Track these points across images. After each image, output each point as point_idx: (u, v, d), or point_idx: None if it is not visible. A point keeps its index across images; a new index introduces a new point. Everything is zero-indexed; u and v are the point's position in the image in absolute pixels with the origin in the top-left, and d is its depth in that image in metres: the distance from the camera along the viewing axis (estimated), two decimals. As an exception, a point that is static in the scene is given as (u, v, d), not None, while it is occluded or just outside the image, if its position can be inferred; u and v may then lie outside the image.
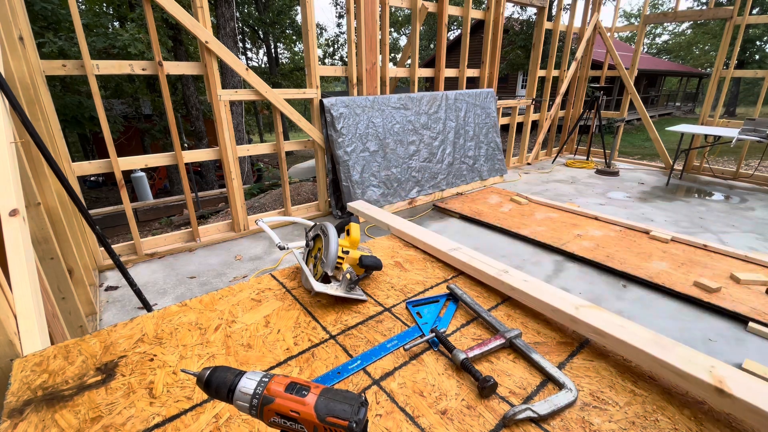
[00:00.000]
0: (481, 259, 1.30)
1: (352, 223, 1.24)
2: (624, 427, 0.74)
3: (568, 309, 1.01)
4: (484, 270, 1.23)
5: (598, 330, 0.94)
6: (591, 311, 1.00)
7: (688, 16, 6.27)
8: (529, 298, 1.09)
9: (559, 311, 1.02)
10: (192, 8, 3.10)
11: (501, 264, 1.26)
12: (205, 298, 1.15)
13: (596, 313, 0.99)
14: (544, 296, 1.07)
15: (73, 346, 0.94)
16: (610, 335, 0.92)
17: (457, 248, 1.39)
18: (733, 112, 21.29)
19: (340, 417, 0.50)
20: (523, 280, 1.15)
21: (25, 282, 1.08)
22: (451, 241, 1.44)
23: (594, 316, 0.98)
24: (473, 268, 1.27)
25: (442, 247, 1.39)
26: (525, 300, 1.11)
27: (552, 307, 1.03)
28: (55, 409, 0.76)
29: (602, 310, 1.00)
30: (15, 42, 2.10)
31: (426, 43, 23.77)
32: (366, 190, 4.21)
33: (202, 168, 11.55)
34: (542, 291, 1.09)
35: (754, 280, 2.74)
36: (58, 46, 7.02)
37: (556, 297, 1.06)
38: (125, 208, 3.21)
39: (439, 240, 1.46)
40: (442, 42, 5.00)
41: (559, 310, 1.02)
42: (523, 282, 1.14)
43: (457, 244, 1.43)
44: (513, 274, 1.20)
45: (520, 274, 1.20)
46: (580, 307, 1.02)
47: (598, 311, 1.00)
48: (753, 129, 4.91)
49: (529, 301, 1.10)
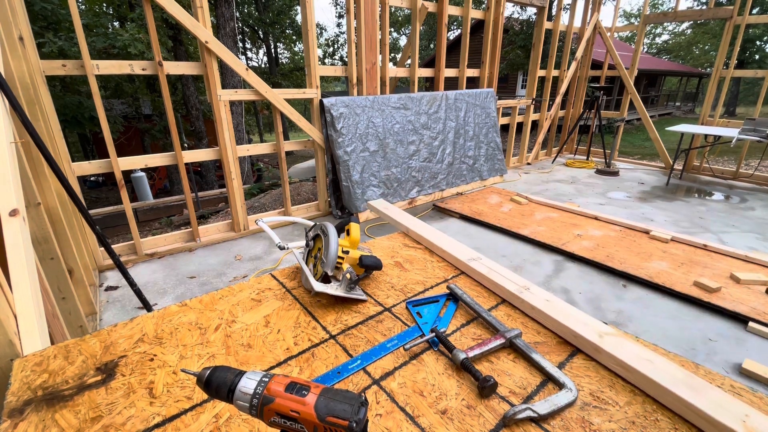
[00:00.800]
0: (501, 272, 1.23)
1: (352, 223, 1.23)
2: (624, 427, 0.74)
3: (591, 336, 0.94)
4: (504, 285, 1.17)
5: (623, 363, 0.86)
6: (616, 340, 0.92)
7: (688, 15, 6.27)
8: (550, 320, 1.03)
9: (580, 338, 0.95)
10: (192, 8, 3.10)
11: (522, 279, 1.20)
12: (205, 298, 1.15)
13: (621, 343, 0.91)
14: (567, 320, 1.00)
15: (73, 346, 0.94)
16: (636, 370, 0.84)
17: (477, 258, 1.33)
18: (733, 111, 21.29)
19: (340, 417, 0.50)
20: (545, 300, 1.08)
21: (25, 282, 1.08)
22: (471, 250, 1.38)
23: (619, 346, 0.90)
24: (492, 281, 1.20)
25: (462, 257, 1.34)
26: (545, 321, 1.05)
27: (573, 332, 0.97)
28: (55, 409, 0.76)
29: (628, 338, 0.93)
30: (15, 42, 2.10)
31: (426, 43, 23.77)
32: (366, 190, 4.20)
33: (202, 168, 11.56)
34: (565, 314, 1.02)
35: (754, 280, 2.74)
36: (58, 46, 7.02)
37: (579, 322, 0.99)
38: (125, 208, 3.21)
39: (459, 248, 1.39)
40: (442, 42, 5.00)
41: (581, 336, 0.95)
42: (544, 302, 1.07)
43: (478, 254, 1.36)
44: (534, 291, 1.13)
45: (542, 292, 1.13)
46: (604, 335, 0.94)
47: (624, 339, 0.93)
48: (753, 129, 4.91)
49: (549, 323, 1.04)
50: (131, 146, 12.72)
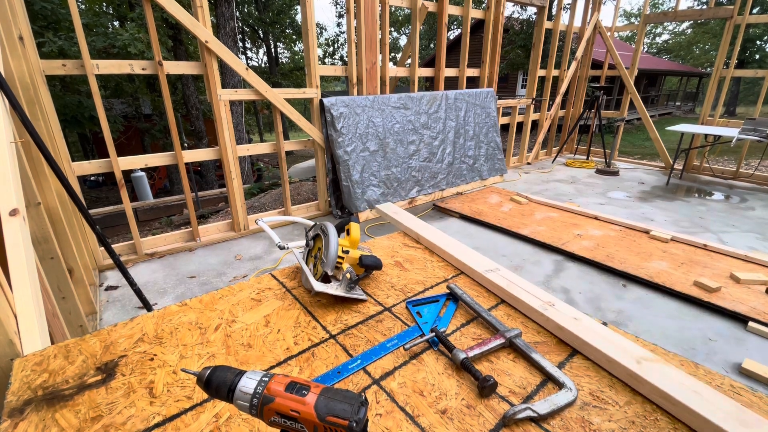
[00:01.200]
0: (522, 286, 1.14)
1: (352, 223, 1.23)
2: (624, 427, 0.74)
3: (628, 362, 0.83)
4: (525, 300, 1.08)
5: (666, 395, 0.77)
6: (656, 366, 0.82)
7: (688, 15, 6.26)
8: (578, 341, 0.94)
9: (615, 363, 0.85)
10: (192, 8, 3.10)
11: (547, 294, 1.11)
12: (205, 297, 1.15)
13: (663, 370, 0.81)
14: (599, 342, 0.89)
15: (74, 345, 0.94)
16: (681, 404, 0.75)
17: (495, 270, 1.23)
18: (734, 111, 21.29)
19: (340, 416, 0.50)
20: (572, 318, 0.98)
21: (26, 282, 1.08)
22: (488, 260, 1.30)
23: (661, 374, 0.81)
24: (512, 296, 1.11)
25: (478, 268, 1.25)
26: (573, 342, 0.95)
27: (607, 357, 0.86)
28: (55, 408, 0.76)
29: (668, 363, 0.84)
30: (15, 41, 2.10)
31: (426, 43, 23.75)
32: (366, 189, 4.20)
33: (202, 168, 11.56)
34: (597, 335, 0.92)
35: (754, 280, 2.74)
36: (57, 46, 7.02)
37: (613, 345, 0.89)
38: (125, 207, 3.21)
39: (475, 259, 1.30)
40: (442, 41, 5.00)
41: (616, 362, 0.85)
42: (572, 321, 0.97)
43: (496, 264, 1.28)
44: (560, 308, 1.03)
45: (569, 308, 1.03)
46: (643, 361, 0.84)
47: (664, 365, 0.83)
48: (753, 129, 4.91)
49: (579, 344, 0.94)
50: (131, 146, 12.72)
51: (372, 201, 4.25)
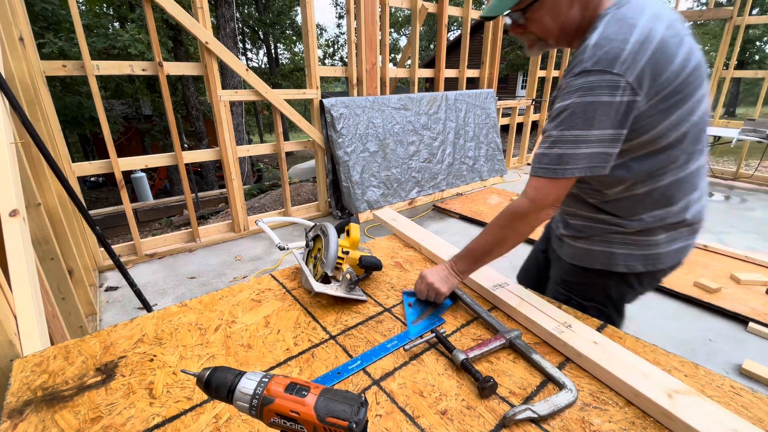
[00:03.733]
0: (533, 303, 1.03)
1: (352, 224, 1.23)
2: (624, 428, 0.74)
3: (658, 397, 0.73)
4: (538, 322, 0.97)
5: None
6: (691, 401, 0.72)
7: (688, 16, 6.27)
8: (600, 369, 0.83)
9: (643, 398, 0.74)
10: (192, 9, 3.11)
11: (560, 312, 0.99)
12: (205, 298, 1.15)
13: (699, 404, 0.71)
14: (621, 371, 0.79)
15: (73, 346, 0.94)
16: None
17: (502, 285, 1.14)
18: (733, 112, 21.30)
19: (340, 417, 0.50)
20: (592, 342, 0.88)
21: (26, 282, 1.08)
22: (496, 273, 1.21)
23: (697, 410, 0.70)
24: (525, 317, 1.00)
25: (486, 284, 1.15)
26: (594, 370, 0.84)
27: (634, 390, 0.76)
28: (55, 409, 0.76)
29: (705, 398, 0.73)
30: (15, 42, 2.10)
31: (426, 44, 23.77)
32: (366, 190, 4.21)
33: (202, 168, 11.56)
34: (621, 362, 0.82)
35: (755, 281, 2.74)
36: (58, 47, 7.03)
37: (639, 374, 0.79)
38: (125, 208, 3.21)
39: (481, 272, 1.18)
40: (442, 42, 5.01)
41: (644, 396, 0.74)
42: (592, 345, 0.88)
43: (504, 278, 1.17)
44: (577, 330, 0.92)
45: (587, 330, 0.93)
46: (674, 394, 0.74)
47: (701, 400, 0.72)
48: (753, 129, 4.91)
49: (600, 372, 0.83)
50: (131, 147, 12.73)
51: (372, 202, 4.25)
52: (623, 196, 1.02)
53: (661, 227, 1.03)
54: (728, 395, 0.80)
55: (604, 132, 0.87)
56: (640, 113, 0.87)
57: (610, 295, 1.14)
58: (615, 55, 0.83)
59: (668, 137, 0.92)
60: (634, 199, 1.01)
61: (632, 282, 1.11)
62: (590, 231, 1.10)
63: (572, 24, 0.96)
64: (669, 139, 0.92)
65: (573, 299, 1.17)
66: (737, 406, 0.77)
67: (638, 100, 0.85)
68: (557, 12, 0.95)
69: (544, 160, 0.93)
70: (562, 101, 0.90)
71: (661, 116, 0.88)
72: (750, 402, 0.78)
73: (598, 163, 0.90)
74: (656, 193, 0.99)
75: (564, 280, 1.21)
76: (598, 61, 0.84)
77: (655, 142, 0.92)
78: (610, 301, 1.15)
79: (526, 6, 0.94)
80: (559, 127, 0.90)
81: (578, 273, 1.16)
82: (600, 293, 1.14)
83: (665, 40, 0.85)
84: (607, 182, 1.00)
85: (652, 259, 1.05)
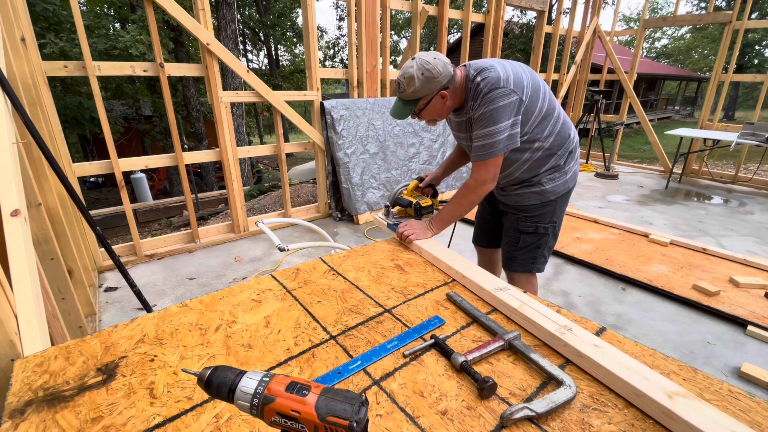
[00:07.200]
0: (535, 307, 1.05)
1: (440, 194, 1.52)
2: (624, 429, 0.74)
3: (659, 397, 0.75)
4: (540, 323, 0.99)
5: None
6: (690, 403, 0.74)
7: (687, 20, 6.30)
8: (601, 369, 0.85)
9: (645, 397, 0.76)
10: (193, 10, 3.12)
11: (561, 317, 1.01)
12: (205, 298, 1.15)
13: (697, 407, 0.73)
14: (623, 372, 0.81)
15: (74, 346, 0.94)
16: None
17: (503, 289, 1.16)
18: (732, 116, 21.36)
19: (340, 416, 0.50)
20: (593, 345, 0.90)
21: (26, 282, 1.08)
22: (498, 280, 1.23)
23: (696, 412, 0.72)
24: (527, 318, 1.02)
25: (487, 286, 1.17)
26: (595, 371, 0.87)
27: (636, 390, 0.78)
28: (56, 409, 0.76)
29: (703, 401, 0.75)
30: (17, 43, 2.11)
31: (426, 46, 23.81)
32: (366, 192, 4.21)
33: (202, 169, 11.55)
34: (622, 365, 0.84)
35: (753, 284, 2.74)
36: (59, 47, 7.04)
37: (640, 376, 0.80)
38: (125, 209, 3.21)
39: (482, 276, 1.22)
40: (442, 45, 5.02)
41: (646, 395, 0.76)
42: (593, 347, 0.90)
43: (504, 282, 1.20)
44: (578, 333, 0.94)
45: (587, 334, 0.94)
46: (675, 396, 0.75)
47: (699, 403, 0.74)
48: (752, 133, 4.93)
49: (600, 373, 0.85)
50: (131, 147, 12.71)
51: (372, 203, 4.25)
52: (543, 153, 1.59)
53: (566, 160, 1.62)
54: (726, 399, 0.80)
55: (508, 122, 1.40)
56: (526, 107, 1.43)
57: (555, 212, 1.71)
58: (497, 79, 1.38)
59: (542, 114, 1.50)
60: (548, 150, 1.59)
61: (561, 202, 1.69)
62: (536, 179, 1.63)
63: (451, 108, 1.51)
64: (542, 114, 1.50)
65: (539, 226, 1.69)
66: (735, 410, 0.77)
67: (523, 99, 1.40)
68: (438, 109, 1.49)
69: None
70: (482, 117, 1.42)
71: (531, 105, 1.45)
72: (748, 406, 0.78)
73: (511, 142, 1.45)
74: (558, 138, 1.58)
75: (527, 216, 1.70)
76: (488, 84, 1.38)
77: (537, 117, 1.49)
78: (556, 218, 1.72)
79: (417, 112, 1.50)
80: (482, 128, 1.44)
81: (537, 207, 1.68)
82: (550, 215, 1.69)
83: (515, 68, 1.43)
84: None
85: (568, 183, 1.66)
